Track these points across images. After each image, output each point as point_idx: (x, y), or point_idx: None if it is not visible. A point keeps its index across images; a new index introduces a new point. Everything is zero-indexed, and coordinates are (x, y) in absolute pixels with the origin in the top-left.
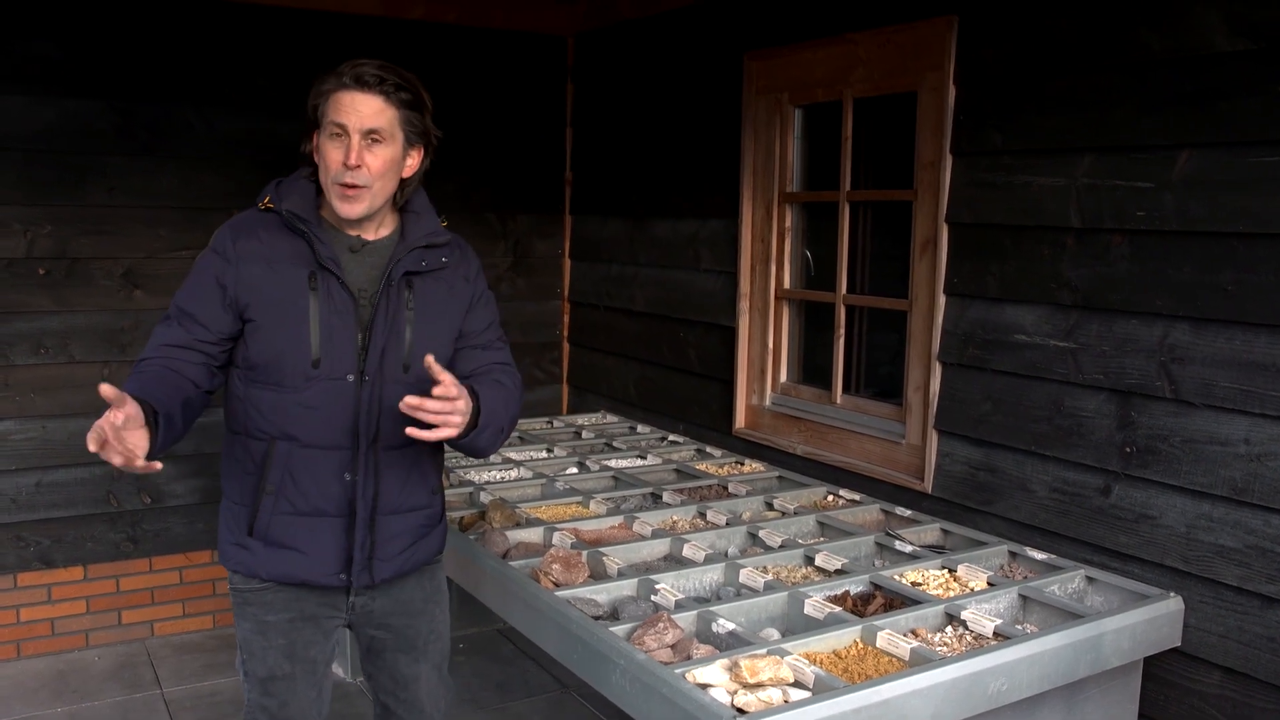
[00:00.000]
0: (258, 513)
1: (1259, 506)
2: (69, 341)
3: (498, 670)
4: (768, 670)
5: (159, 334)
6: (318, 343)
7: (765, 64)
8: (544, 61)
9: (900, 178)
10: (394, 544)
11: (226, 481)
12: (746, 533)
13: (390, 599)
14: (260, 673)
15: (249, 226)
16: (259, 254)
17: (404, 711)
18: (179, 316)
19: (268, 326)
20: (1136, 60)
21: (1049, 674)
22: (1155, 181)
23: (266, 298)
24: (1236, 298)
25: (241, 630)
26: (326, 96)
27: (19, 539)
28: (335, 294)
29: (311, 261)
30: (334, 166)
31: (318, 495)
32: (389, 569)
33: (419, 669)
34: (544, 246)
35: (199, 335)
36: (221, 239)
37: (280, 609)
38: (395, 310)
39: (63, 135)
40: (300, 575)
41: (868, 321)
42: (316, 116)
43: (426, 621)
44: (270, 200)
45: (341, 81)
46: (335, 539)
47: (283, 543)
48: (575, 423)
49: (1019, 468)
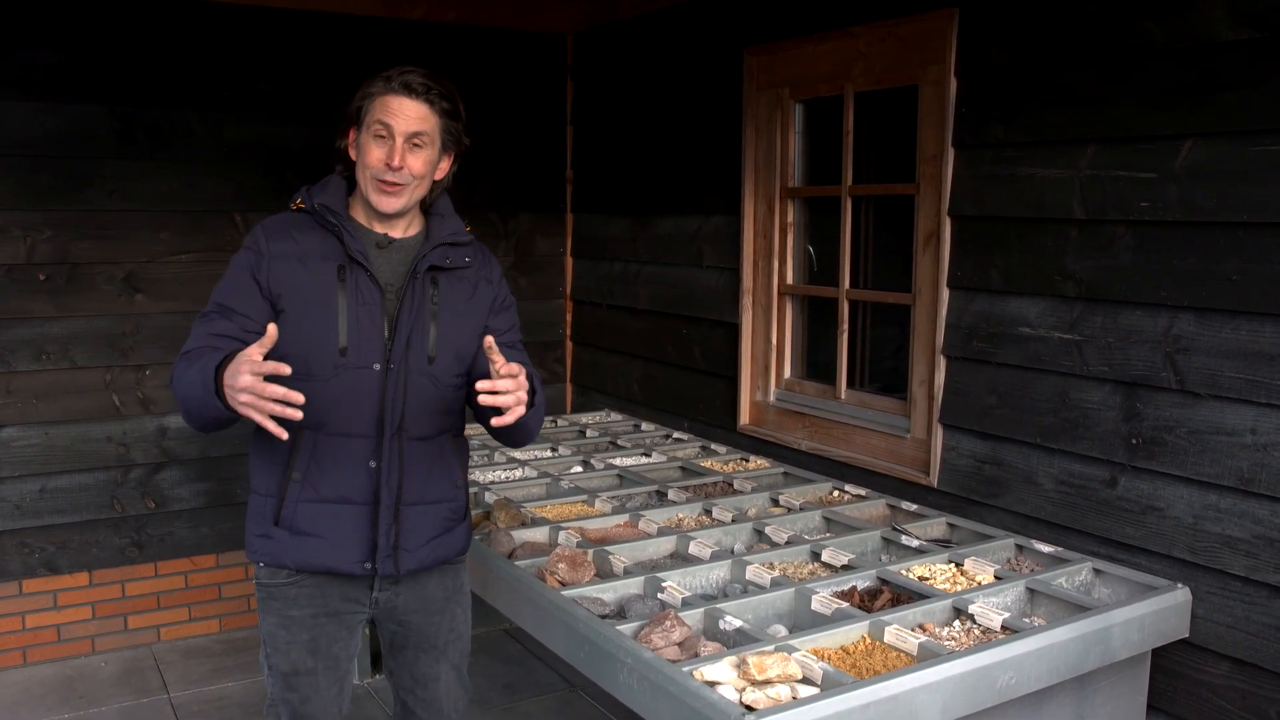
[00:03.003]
0: (284, 501)
1: (1266, 496)
2: (70, 347)
3: (505, 670)
4: (776, 667)
5: (201, 327)
6: (345, 332)
7: (766, 59)
8: (544, 60)
9: (902, 171)
10: (418, 535)
11: (255, 475)
12: (752, 529)
13: (413, 595)
14: (283, 667)
15: (282, 226)
16: (291, 251)
17: (423, 710)
18: (219, 311)
19: (297, 317)
20: (1139, 50)
21: (1057, 667)
22: (1159, 172)
23: (297, 290)
24: (1241, 287)
25: (266, 625)
26: (374, 99)
27: (24, 545)
28: (363, 286)
29: (341, 256)
30: (375, 164)
31: (343, 482)
32: (413, 560)
33: (439, 669)
34: (546, 245)
35: (241, 324)
36: (255, 237)
37: (305, 604)
38: (420, 303)
39: (64, 140)
40: (325, 563)
41: (871, 316)
42: (360, 116)
43: (448, 620)
44: (302, 201)
45: (390, 86)
46: (360, 526)
47: (308, 530)
48: (580, 421)
49: (1025, 461)
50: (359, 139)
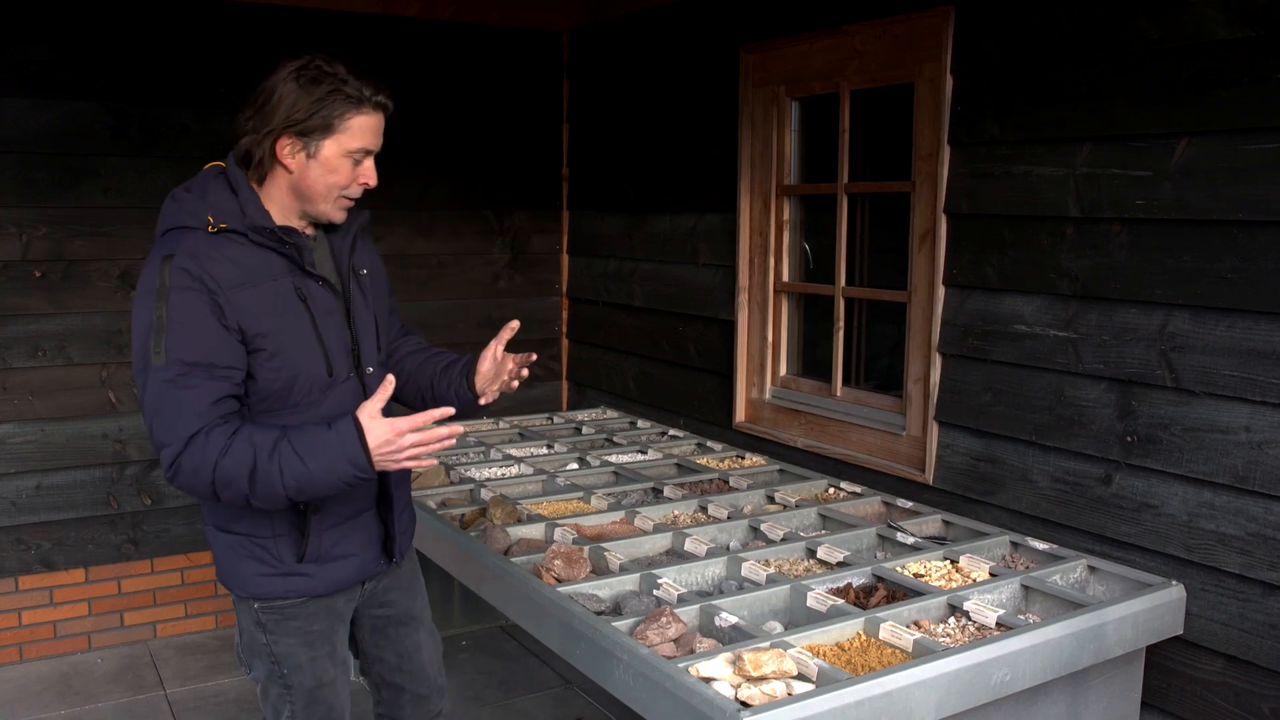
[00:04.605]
0: (308, 537)
1: (1260, 494)
2: (66, 344)
3: (501, 667)
4: (771, 663)
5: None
6: (326, 350)
7: (761, 57)
8: (539, 58)
9: (898, 169)
10: (404, 517)
11: (241, 520)
12: (748, 526)
13: (390, 578)
14: (308, 684)
15: (206, 252)
16: (236, 278)
17: (410, 683)
18: (202, 370)
19: (276, 350)
20: (1134, 49)
21: (1052, 664)
22: (1154, 170)
23: (265, 322)
24: (1236, 285)
25: (283, 647)
26: (349, 113)
27: (20, 542)
28: (322, 299)
29: (281, 270)
30: (344, 180)
31: (353, 497)
32: (406, 542)
33: (418, 637)
34: (542, 242)
35: (230, 379)
36: (182, 275)
37: (322, 617)
38: (362, 300)
39: (58, 137)
40: (358, 576)
41: (867, 314)
42: (326, 124)
43: (418, 588)
44: (215, 220)
45: (375, 103)
46: (374, 530)
47: (339, 555)
48: (575, 419)
49: (1020, 458)
50: (316, 148)
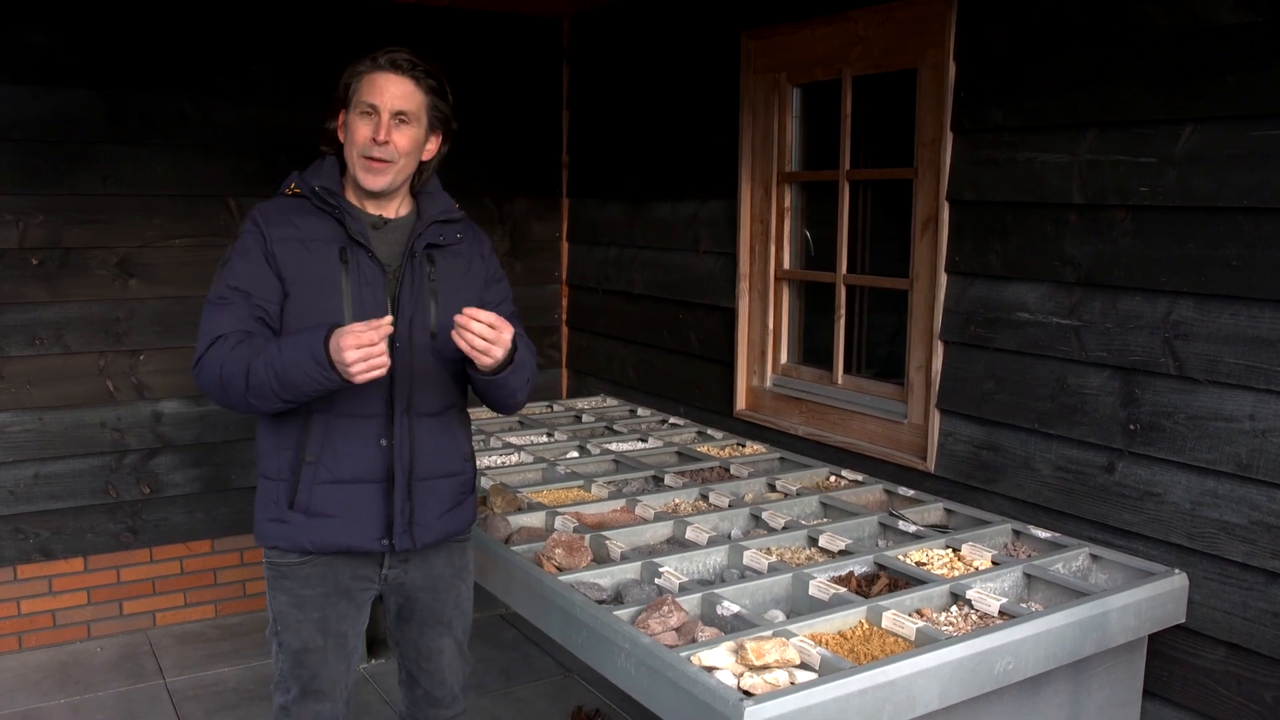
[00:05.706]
0: (298, 485)
1: (1264, 482)
2: (64, 332)
3: (502, 655)
4: (773, 652)
5: (223, 313)
6: (351, 313)
7: (763, 43)
8: (539, 44)
9: (900, 156)
10: (432, 509)
11: (264, 460)
12: (749, 514)
13: (422, 572)
14: (294, 645)
15: (279, 211)
16: (291, 235)
17: (427, 682)
18: (238, 295)
19: (302, 300)
20: (1139, 34)
21: (1055, 652)
22: (1158, 157)
23: (302, 273)
24: (1241, 273)
25: (276, 603)
26: (360, 77)
27: (18, 531)
28: (365, 266)
29: (341, 238)
30: (362, 141)
31: (356, 462)
32: (429, 534)
33: (443, 643)
34: (541, 230)
35: (261, 306)
36: (253, 222)
37: (316, 583)
38: (419, 281)
39: (56, 124)
40: (343, 542)
41: (868, 301)
42: (347, 95)
43: (453, 597)
44: (297, 186)
45: (377, 64)
46: (375, 504)
47: (324, 512)
48: (575, 406)
49: (1022, 446)
50: (347, 119)
